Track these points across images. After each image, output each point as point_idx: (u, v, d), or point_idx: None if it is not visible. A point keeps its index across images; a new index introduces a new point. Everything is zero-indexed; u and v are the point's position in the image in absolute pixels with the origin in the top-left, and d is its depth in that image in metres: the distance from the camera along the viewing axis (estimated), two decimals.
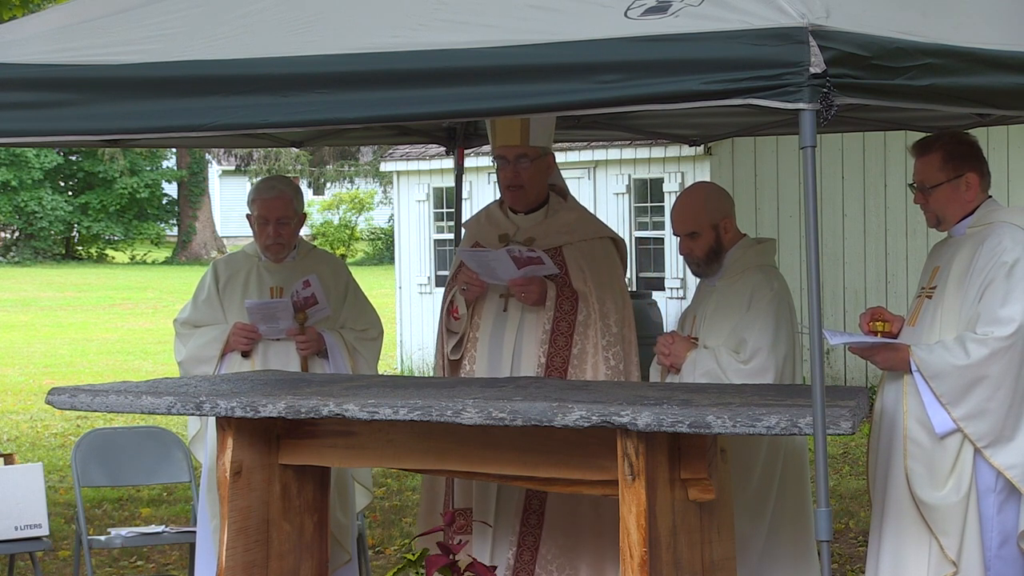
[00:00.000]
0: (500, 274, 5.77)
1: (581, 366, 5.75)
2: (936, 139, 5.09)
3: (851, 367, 14.92)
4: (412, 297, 18.28)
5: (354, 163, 42.15)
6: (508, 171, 5.89)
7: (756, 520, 5.41)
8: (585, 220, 6.06)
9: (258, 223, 6.24)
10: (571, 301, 5.79)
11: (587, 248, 5.91)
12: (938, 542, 4.80)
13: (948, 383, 4.75)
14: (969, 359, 4.72)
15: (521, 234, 5.93)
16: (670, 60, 3.99)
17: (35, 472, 6.92)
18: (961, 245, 4.96)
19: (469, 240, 6.14)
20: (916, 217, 15.02)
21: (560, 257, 5.85)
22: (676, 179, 15.04)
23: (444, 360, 6.00)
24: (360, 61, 4.30)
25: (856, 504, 9.81)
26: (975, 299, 4.80)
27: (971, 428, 4.75)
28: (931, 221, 5.10)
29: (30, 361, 19.63)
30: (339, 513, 6.17)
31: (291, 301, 6.13)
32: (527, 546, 5.71)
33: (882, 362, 4.95)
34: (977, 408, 4.74)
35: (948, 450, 4.80)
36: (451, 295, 5.98)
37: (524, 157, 5.84)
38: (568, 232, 5.92)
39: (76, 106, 4.67)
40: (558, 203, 6.00)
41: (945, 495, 4.79)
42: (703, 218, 5.51)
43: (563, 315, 5.78)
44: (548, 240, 5.89)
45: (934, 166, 4.99)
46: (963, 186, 4.97)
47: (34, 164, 40.16)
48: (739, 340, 5.36)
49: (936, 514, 4.81)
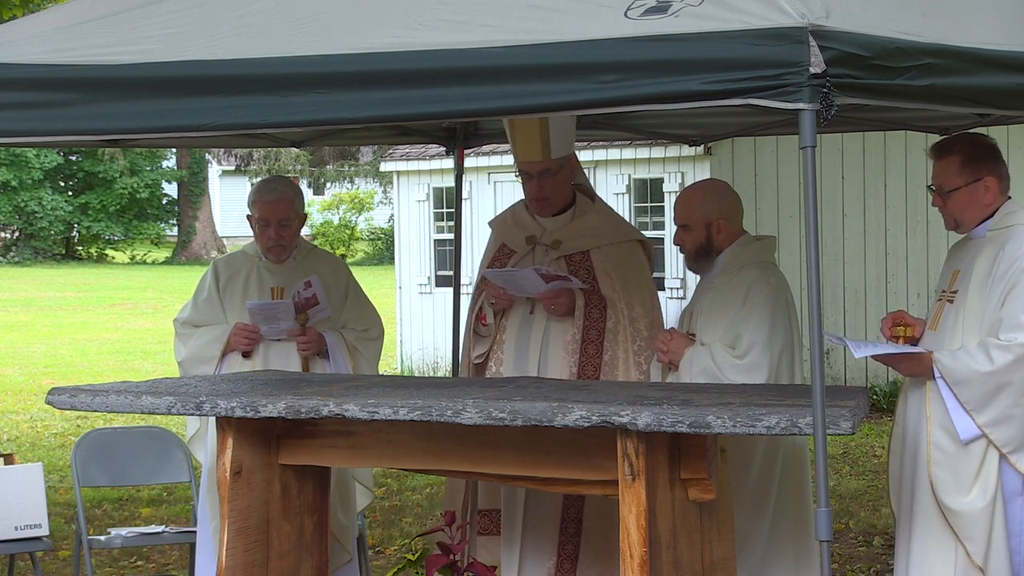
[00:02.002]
0: (528, 289, 5.76)
1: (612, 373, 5.72)
2: (955, 141, 5.02)
3: (851, 367, 14.91)
4: (412, 297, 18.27)
5: (354, 163, 42.14)
6: (532, 185, 5.87)
7: (755, 520, 5.41)
8: (612, 223, 6.02)
9: (259, 225, 6.22)
10: (600, 308, 5.77)
11: (615, 252, 5.87)
12: (964, 548, 4.77)
13: (972, 390, 4.72)
14: (993, 366, 4.68)
15: (548, 236, 5.90)
16: (670, 60, 3.99)
17: (35, 472, 6.93)
18: (982, 248, 4.90)
19: (495, 241, 6.11)
20: (916, 217, 15.03)
21: (588, 262, 5.83)
22: (676, 179, 15.05)
23: (468, 362, 5.99)
24: (360, 61, 4.30)
25: (856, 504, 9.82)
26: (997, 304, 4.77)
27: (996, 434, 4.72)
28: (949, 224, 5.02)
29: (30, 361, 19.62)
30: (340, 513, 6.17)
31: (292, 302, 6.13)
32: (566, 555, 5.69)
33: (905, 369, 4.92)
34: (1002, 414, 4.71)
35: (973, 456, 4.76)
36: (479, 304, 5.96)
37: (547, 171, 5.82)
38: (595, 236, 5.89)
39: (76, 106, 4.66)
40: (585, 204, 5.97)
41: (971, 501, 4.76)
42: (697, 214, 5.51)
43: (592, 323, 5.76)
44: (575, 243, 5.86)
45: (953, 170, 4.91)
46: (982, 190, 4.90)
47: (34, 164, 40.15)
48: (735, 335, 5.36)
49: (962, 520, 4.77)
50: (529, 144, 5.78)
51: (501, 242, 6.06)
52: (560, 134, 5.78)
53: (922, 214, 14.92)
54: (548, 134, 5.73)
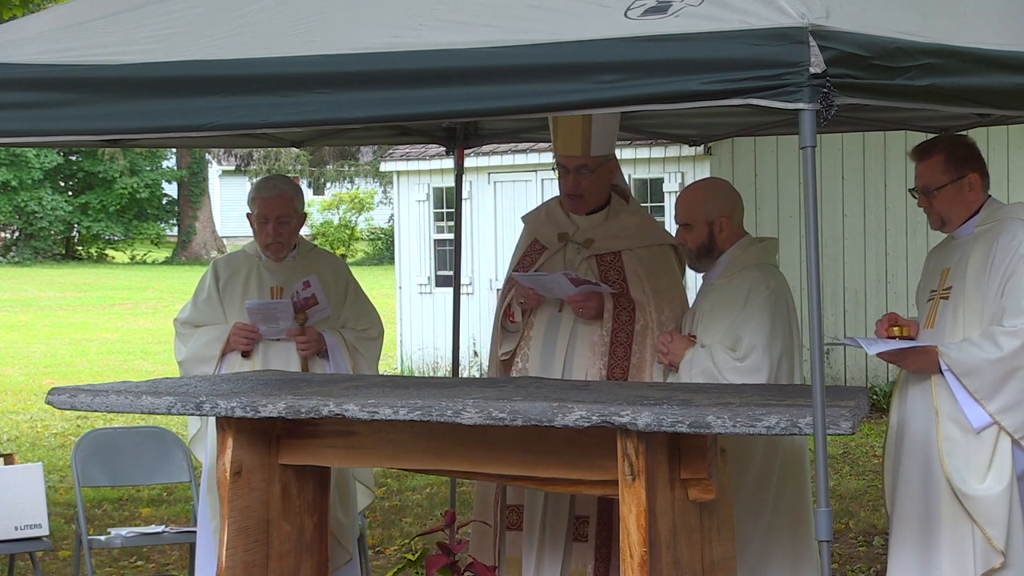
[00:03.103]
0: (557, 292, 5.74)
1: (639, 375, 5.70)
2: (936, 142, 5.11)
3: (851, 367, 14.92)
4: (412, 297, 18.27)
5: (354, 163, 42.14)
6: (568, 180, 5.80)
7: (755, 519, 5.41)
8: (646, 226, 5.96)
9: (258, 221, 6.22)
10: (628, 311, 5.73)
11: (647, 255, 5.83)
12: (984, 533, 4.80)
13: (981, 378, 4.76)
14: (1002, 352, 4.73)
15: (580, 235, 5.86)
16: (670, 60, 3.99)
17: (35, 472, 6.93)
18: (972, 244, 4.96)
19: (527, 235, 6.06)
20: (916, 217, 15.01)
21: (619, 263, 5.79)
22: (676, 179, 15.05)
23: (496, 359, 5.97)
24: (360, 61, 4.30)
25: (856, 504, 9.82)
26: (997, 294, 4.82)
27: (1007, 420, 4.77)
28: (935, 223, 5.11)
29: (30, 361, 19.63)
30: (340, 513, 6.17)
31: (291, 302, 6.13)
32: (601, 558, 5.68)
33: (911, 365, 4.96)
34: (1013, 400, 4.76)
35: (985, 442, 4.81)
36: (507, 300, 5.93)
37: (584, 168, 5.76)
38: (628, 237, 5.84)
39: (76, 106, 4.66)
40: (619, 205, 5.92)
41: (988, 486, 4.79)
42: (698, 213, 5.51)
43: (621, 325, 5.73)
44: (607, 243, 5.82)
45: (937, 168, 5.01)
46: (966, 187, 5.00)
47: (34, 164, 40.16)
48: (735, 338, 5.36)
49: (981, 506, 4.79)
50: (570, 138, 5.72)
51: (533, 237, 6.01)
52: (603, 132, 5.73)
53: (922, 214, 14.79)
54: (591, 130, 5.67)
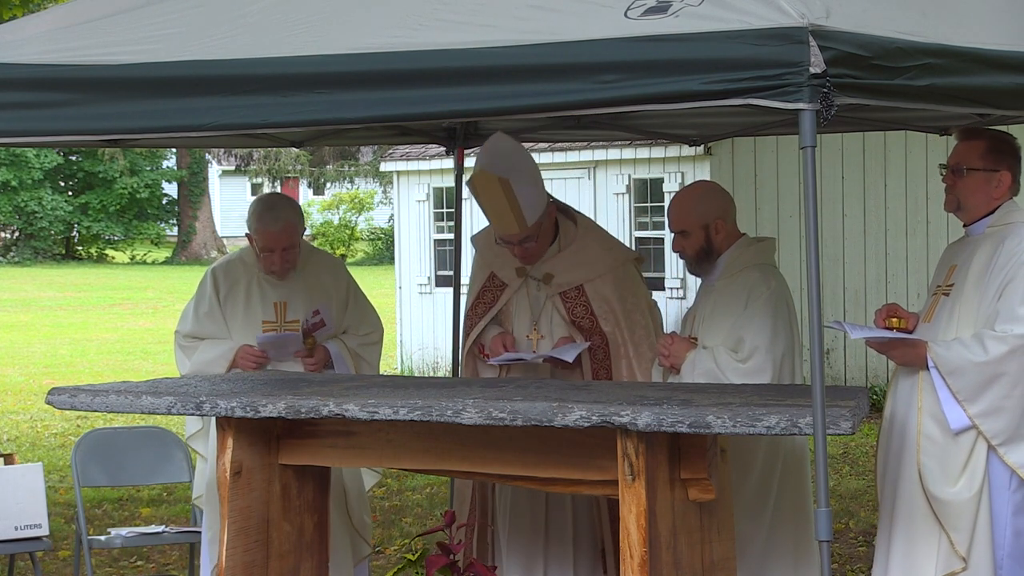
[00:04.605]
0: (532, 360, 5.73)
1: None
2: (985, 129, 5.13)
3: (851, 367, 14.92)
4: (412, 297, 18.28)
5: (354, 163, 42.15)
6: (516, 251, 5.75)
7: (755, 520, 5.41)
8: (603, 250, 5.89)
9: (262, 251, 6.08)
10: (603, 349, 5.75)
11: (609, 280, 5.80)
12: (948, 537, 4.80)
13: (965, 379, 4.75)
14: (987, 356, 4.72)
15: (538, 270, 5.81)
16: (670, 60, 3.99)
17: (35, 472, 6.93)
18: (980, 244, 4.96)
19: (481, 266, 5.99)
20: (916, 217, 15.03)
21: (584, 297, 5.76)
22: (676, 179, 15.04)
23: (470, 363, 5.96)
24: (360, 61, 4.30)
25: (856, 504, 9.82)
26: (994, 297, 4.81)
27: (986, 425, 4.75)
28: (950, 205, 5.07)
29: (30, 361, 19.63)
30: (359, 509, 6.22)
31: (301, 331, 6.08)
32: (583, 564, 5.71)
33: (899, 357, 4.96)
34: (993, 405, 4.74)
35: (962, 446, 4.80)
36: (477, 334, 5.88)
37: (528, 238, 5.70)
38: (587, 265, 5.79)
39: (76, 106, 4.66)
40: (569, 231, 5.85)
41: (957, 491, 4.79)
42: (693, 218, 5.50)
43: (599, 363, 5.75)
44: (568, 277, 5.78)
45: (976, 152, 4.99)
46: (995, 182, 4.98)
47: (34, 164, 40.18)
48: (737, 339, 5.36)
49: (948, 509, 4.80)
50: (502, 221, 5.65)
51: (490, 271, 5.95)
52: (530, 202, 5.63)
53: (922, 214, 14.92)
54: (519, 207, 5.59)
